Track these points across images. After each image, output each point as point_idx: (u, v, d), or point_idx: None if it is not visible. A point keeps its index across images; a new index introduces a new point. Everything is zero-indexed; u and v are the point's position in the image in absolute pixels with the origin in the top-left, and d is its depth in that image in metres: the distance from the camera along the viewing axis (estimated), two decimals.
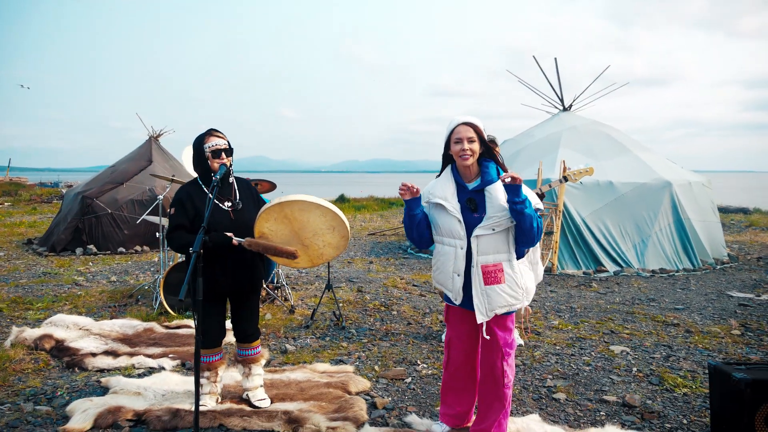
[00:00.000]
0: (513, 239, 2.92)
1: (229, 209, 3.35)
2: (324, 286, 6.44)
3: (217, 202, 3.32)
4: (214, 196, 3.05)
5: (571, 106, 11.64)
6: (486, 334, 2.91)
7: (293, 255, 3.17)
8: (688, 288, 7.56)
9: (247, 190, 3.53)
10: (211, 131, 3.38)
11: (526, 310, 5.75)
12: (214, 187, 3.08)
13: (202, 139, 3.35)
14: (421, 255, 10.38)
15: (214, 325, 3.38)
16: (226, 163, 3.31)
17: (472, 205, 2.91)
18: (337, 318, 5.60)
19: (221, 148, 3.32)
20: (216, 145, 3.32)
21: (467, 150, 2.85)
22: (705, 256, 9.41)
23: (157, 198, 6.46)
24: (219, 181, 3.15)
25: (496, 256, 2.87)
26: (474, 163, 2.91)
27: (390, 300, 6.60)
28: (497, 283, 2.84)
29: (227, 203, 3.36)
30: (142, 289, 6.82)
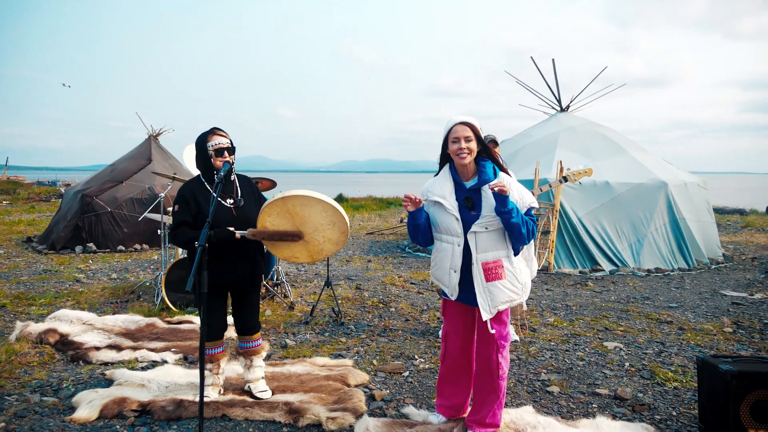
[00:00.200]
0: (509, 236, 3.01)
1: (231, 206, 3.44)
2: (323, 283, 6.52)
3: (219, 199, 3.40)
4: (217, 193, 3.14)
5: (568, 107, 11.73)
6: (491, 329, 2.99)
7: (298, 236, 3.26)
8: (683, 287, 7.65)
9: (249, 187, 3.62)
10: (214, 130, 3.46)
11: (521, 307, 5.85)
12: (218, 185, 3.17)
13: (206, 137, 3.43)
14: (419, 254, 10.47)
15: (216, 318, 3.47)
16: (229, 161, 3.40)
17: (470, 204, 2.99)
18: (336, 314, 5.69)
19: (224, 146, 3.40)
20: (219, 143, 3.40)
21: (464, 149, 2.93)
22: (700, 255, 9.51)
23: (158, 196, 6.54)
24: (222, 178, 3.23)
25: (496, 252, 2.95)
26: (471, 162, 3.00)
27: (388, 297, 6.69)
28: (498, 279, 2.91)
29: (229, 200, 3.45)
30: (143, 285, 6.91)
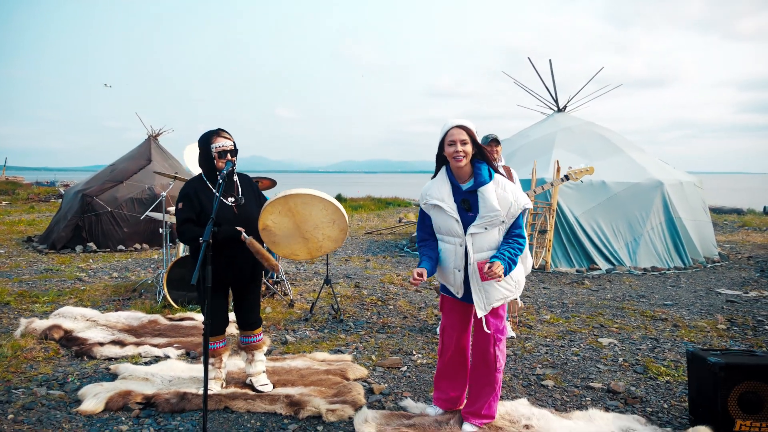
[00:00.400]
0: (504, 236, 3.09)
1: (232, 204, 3.52)
2: (322, 281, 6.60)
3: (221, 197, 3.48)
4: (220, 192, 3.22)
5: (565, 107, 11.82)
6: (487, 328, 3.08)
7: (273, 269, 3.50)
8: (678, 285, 7.74)
9: (249, 186, 3.70)
10: (219, 131, 3.52)
11: (515, 303, 5.93)
12: (221, 184, 3.24)
13: (210, 138, 3.49)
14: (417, 253, 10.54)
15: (218, 313, 3.55)
16: (232, 161, 3.47)
17: (467, 205, 3.06)
18: (335, 311, 5.78)
19: (227, 149, 3.47)
20: (223, 146, 3.47)
21: (460, 152, 2.99)
22: (696, 254, 9.60)
23: (159, 196, 6.62)
24: (225, 177, 3.31)
25: (491, 252, 3.03)
26: (467, 164, 3.06)
27: (386, 295, 6.77)
28: (496, 278, 2.99)
29: (231, 199, 3.53)
30: (144, 283, 6.99)
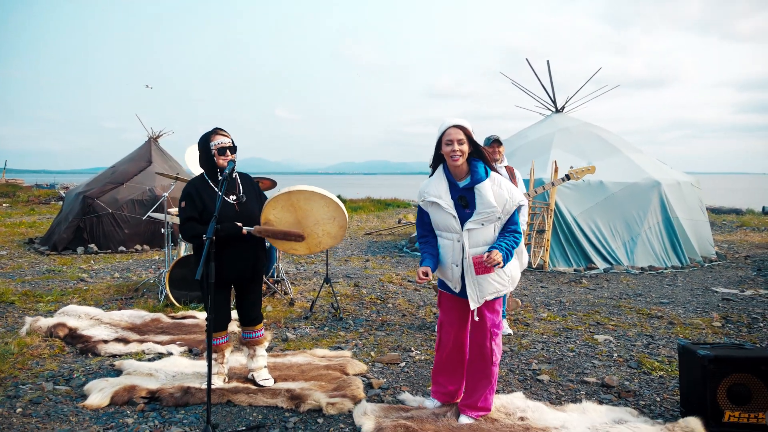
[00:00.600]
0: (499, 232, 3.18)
1: (234, 202, 3.61)
2: (322, 280, 6.68)
3: (223, 196, 3.56)
4: (223, 190, 3.30)
5: (563, 108, 11.91)
6: (476, 317, 3.18)
7: (300, 236, 3.44)
8: (675, 284, 7.81)
9: (250, 184, 3.79)
10: (216, 130, 3.63)
11: (516, 303, 6.01)
12: (223, 182, 3.33)
13: (208, 137, 3.60)
14: (416, 254, 10.62)
15: (220, 310, 3.64)
16: (233, 159, 3.56)
17: (463, 202, 3.16)
18: (335, 309, 5.86)
19: (226, 145, 3.57)
20: (222, 143, 3.57)
21: (457, 151, 3.09)
22: (693, 254, 9.68)
23: (160, 197, 6.70)
24: (227, 175, 3.39)
25: (486, 247, 3.12)
26: (464, 162, 3.16)
27: (386, 294, 6.85)
28: (487, 272, 3.08)
29: (232, 197, 3.62)
30: (147, 283, 7.07)
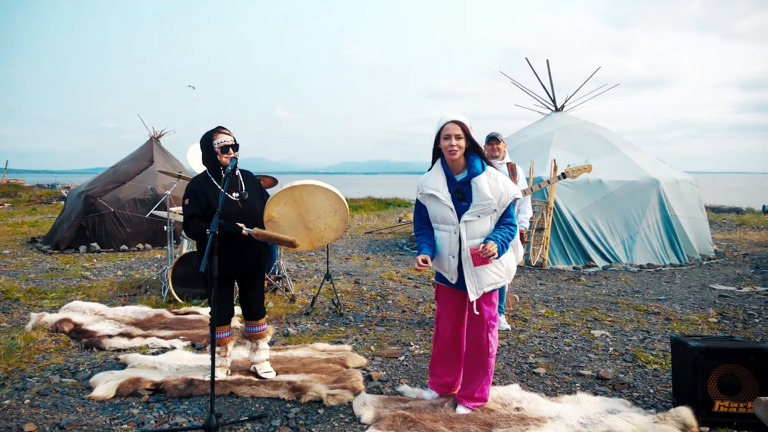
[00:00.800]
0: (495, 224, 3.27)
1: (237, 199, 3.68)
2: (323, 277, 6.75)
3: (226, 193, 3.64)
4: (225, 187, 3.38)
5: (563, 107, 11.97)
6: (476, 310, 3.26)
7: (292, 244, 3.55)
8: (673, 281, 7.87)
9: (252, 182, 3.87)
10: (218, 128, 3.71)
11: (514, 299, 6.09)
12: (226, 179, 3.40)
13: (211, 135, 3.68)
14: (416, 252, 10.68)
15: (223, 304, 3.72)
16: (235, 156, 3.64)
17: (460, 195, 3.26)
18: (335, 306, 5.94)
19: (229, 144, 3.65)
20: (224, 141, 3.64)
21: (455, 146, 3.19)
22: (691, 251, 9.74)
23: (161, 196, 6.78)
24: (230, 173, 3.47)
25: (482, 239, 3.22)
26: (461, 157, 3.25)
27: (386, 291, 6.93)
28: (485, 263, 3.17)
29: (235, 194, 3.70)
30: (150, 280, 7.15)
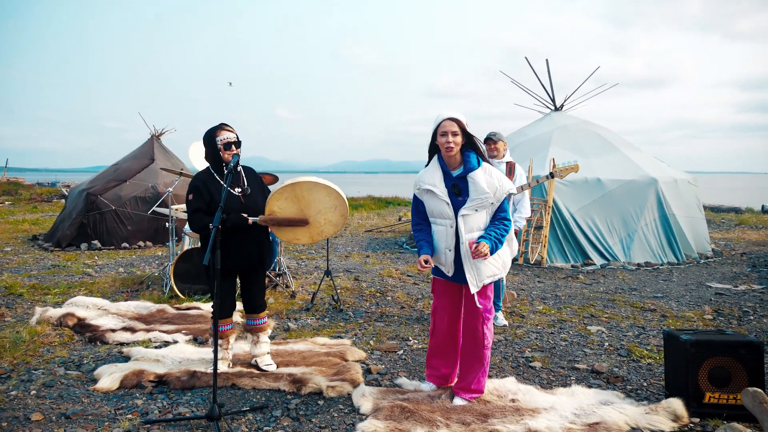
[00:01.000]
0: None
1: (239, 194, 3.76)
2: (323, 274, 6.83)
3: (228, 188, 3.72)
4: (228, 183, 3.45)
5: (562, 106, 12.05)
6: (479, 304, 3.35)
7: (304, 221, 3.61)
8: (670, 279, 7.94)
9: (254, 178, 3.94)
10: (222, 125, 3.79)
11: (512, 296, 6.16)
12: (228, 175, 3.48)
13: (214, 132, 3.75)
14: (416, 250, 10.75)
15: (225, 298, 3.79)
16: (237, 153, 3.72)
17: (456, 190, 3.35)
18: (335, 302, 6.01)
19: (231, 140, 3.73)
20: (227, 138, 3.72)
21: (451, 142, 3.27)
22: (689, 250, 9.80)
23: (161, 194, 6.85)
24: (232, 168, 3.54)
25: (480, 232, 3.32)
26: (457, 153, 3.33)
27: (385, 287, 7.00)
28: (483, 256, 3.25)
29: (237, 189, 3.77)
30: (152, 276, 7.22)
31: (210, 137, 3.75)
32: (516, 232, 5.12)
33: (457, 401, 3.40)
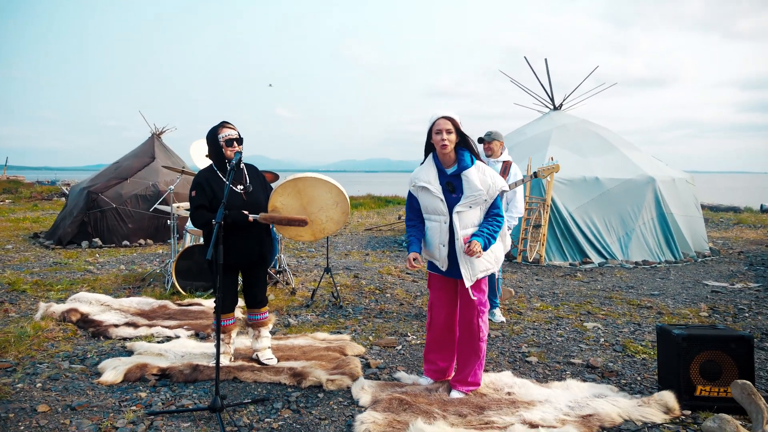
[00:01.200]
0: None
1: (241, 191, 3.83)
2: (323, 271, 6.89)
3: (231, 185, 3.78)
4: (230, 179, 3.52)
5: (561, 106, 12.11)
6: (473, 296, 3.43)
7: (303, 222, 3.67)
8: (667, 278, 8.01)
9: (256, 175, 4.01)
10: (223, 123, 3.87)
11: (509, 293, 6.22)
12: (230, 171, 3.55)
13: (216, 130, 3.83)
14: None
15: (227, 293, 3.86)
16: (239, 150, 3.78)
17: (451, 187, 3.43)
18: (335, 298, 6.08)
19: (233, 137, 3.80)
20: (229, 135, 3.80)
21: (446, 140, 3.35)
22: (687, 249, 9.87)
23: (162, 192, 6.92)
24: (234, 166, 3.61)
25: (474, 228, 3.40)
26: (451, 151, 3.42)
27: (384, 285, 7.07)
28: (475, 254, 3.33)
29: (240, 186, 3.84)
30: (153, 273, 7.29)
31: (212, 135, 3.83)
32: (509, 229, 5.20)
33: (455, 394, 3.47)
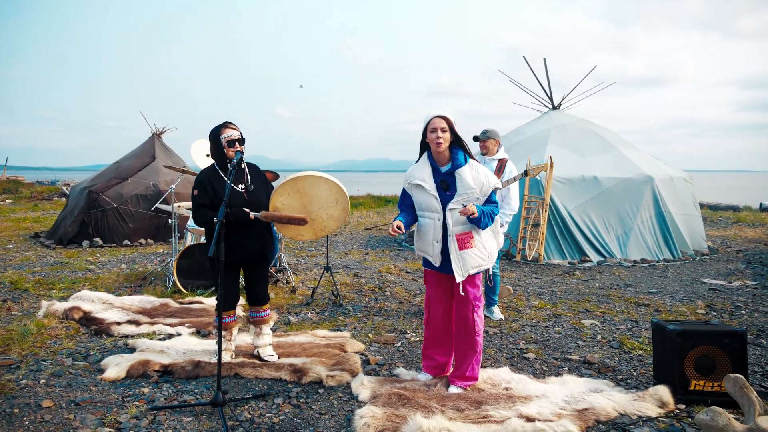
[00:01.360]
0: None
1: (243, 190, 3.88)
2: (323, 270, 6.94)
3: (232, 184, 3.83)
4: (231, 179, 3.57)
5: (560, 105, 12.16)
6: (462, 291, 3.48)
7: (303, 221, 3.72)
8: (666, 276, 8.05)
9: (257, 174, 4.06)
10: (226, 123, 3.92)
11: (508, 291, 6.27)
12: (232, 171, 3.60)
13: (219, 130, 3.88)
14: (414, 247, 10.85)
15: (229, 290, 3.91)
16: (241, 150, 3.83)
17: (445, 185, 3.50)
18: (335, 296, 6.13)
19: (235, 138, 3.85)
20: (231, 135, 3.85)
21: (440, 138, 3.43)
22: (685, 247, 9.91)
23: (163, 192, 6.96)
24: (235, 165, 3.66)
25: (466, 226, 3.47)
26: (446, 149, 3.48)
27: (384, 283, 7.12)
28: (469, 248, 3.43)
29: (241, 185, 3.89)
30: (154, 272, 7.34)
31: (215, 135, 3.88)
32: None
33: (453, 389, 3.53)
